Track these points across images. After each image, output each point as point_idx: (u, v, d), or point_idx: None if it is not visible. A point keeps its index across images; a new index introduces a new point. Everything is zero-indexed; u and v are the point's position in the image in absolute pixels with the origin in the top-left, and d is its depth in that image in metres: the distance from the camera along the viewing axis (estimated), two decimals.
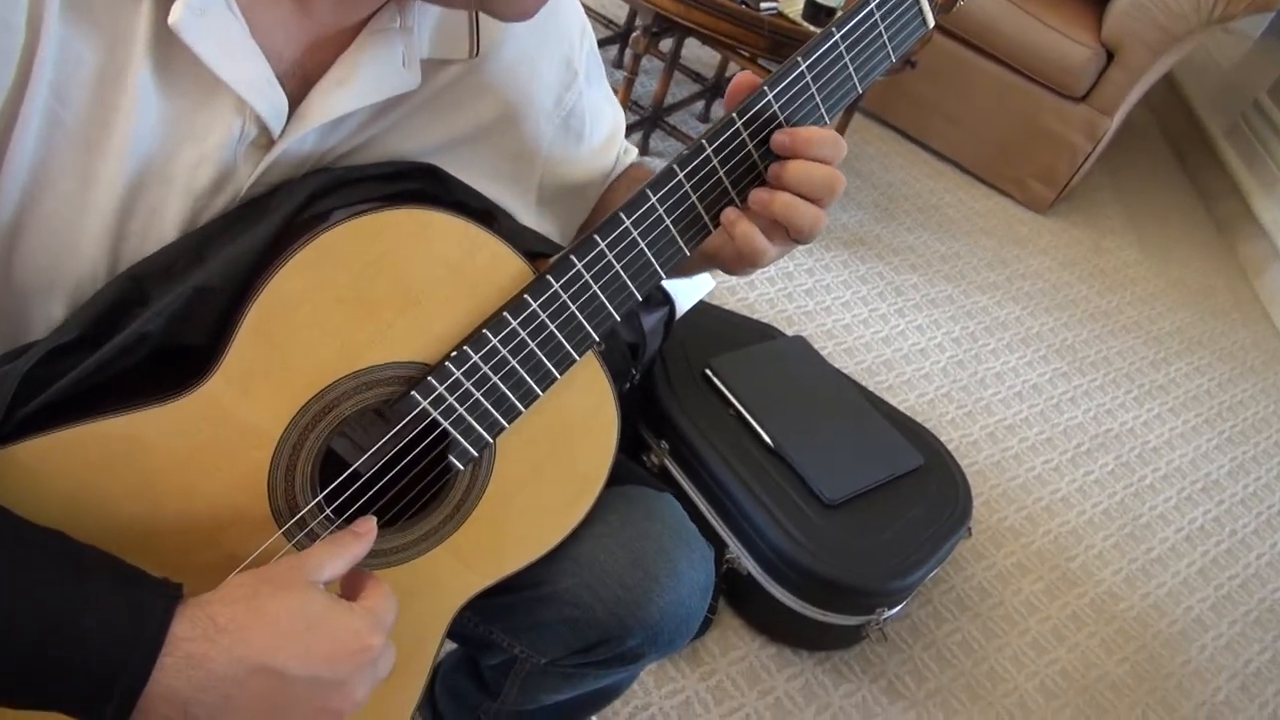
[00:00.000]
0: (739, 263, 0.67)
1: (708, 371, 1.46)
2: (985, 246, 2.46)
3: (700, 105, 2.52)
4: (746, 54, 1.96)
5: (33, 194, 0.52)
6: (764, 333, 1.61)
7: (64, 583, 0.47)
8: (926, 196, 2.57)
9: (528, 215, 0.76)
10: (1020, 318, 2.26)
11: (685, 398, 1.43)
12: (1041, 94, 2.54)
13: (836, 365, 1.60)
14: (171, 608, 0.48)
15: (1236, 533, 1.92)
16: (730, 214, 0.62)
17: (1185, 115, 3.33)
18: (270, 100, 0.56)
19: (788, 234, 0.63)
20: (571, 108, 0.74)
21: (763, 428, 1.40)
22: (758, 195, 0.62)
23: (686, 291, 1.37)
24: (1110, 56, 2.45)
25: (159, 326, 0.53)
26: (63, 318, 0.56)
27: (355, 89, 0.59)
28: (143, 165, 0.55)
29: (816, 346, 1.62)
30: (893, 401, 1.81)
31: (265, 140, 0.58)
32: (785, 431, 1.41)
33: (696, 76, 2.53)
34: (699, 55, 2.64)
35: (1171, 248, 2.76)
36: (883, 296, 2.15)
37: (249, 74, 0.55)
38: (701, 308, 1.62)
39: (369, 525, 0.59)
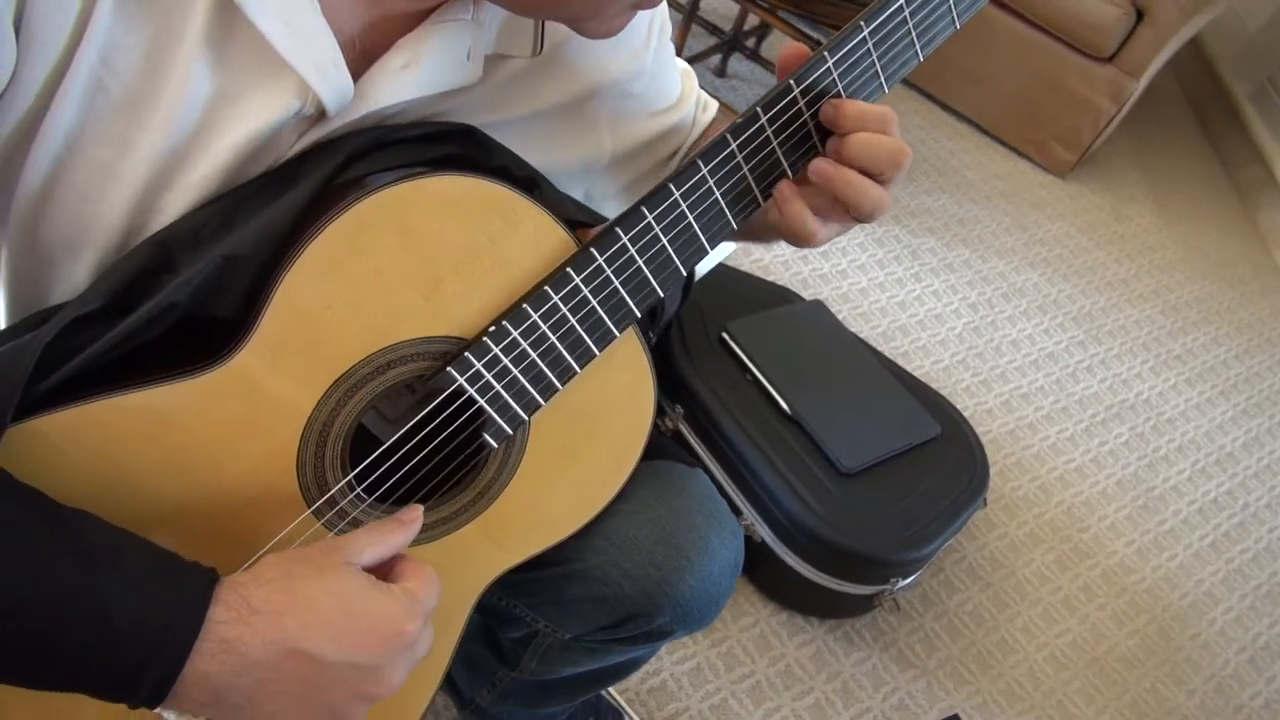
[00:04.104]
0: (791, 239, 0.64)
1: (725, 335, 1.44)
2: (1004, 210, 2.42)
3: (717, 58, 2.46)
4: (765, 5, 1.90)
5: (65, 160, 0.50)
6: (782, 296, 1.58)
7: (97, 565, 0.45)
8: (945, 158, 2.53)
9: (597, 168, 0.74)
10: (1037, 284, 2.23)
11: (702, 362, 1.41)
12: (1067, 54, 2.48)
13: (852, 330, 1.58)
14: (208, 592, 0.47)
15: (1249, 506, 1.91)
16: (784, 189, 0.59)
17: (1209, 78, 3.25)
18: (336, 84, 0.53)
19: (848, 212, 0.60)
20: (634, 92, 0.72)
21: (780, 394, 1.38)
22: (820, 167, 0.58)
23: None
24: (1140, 15, 2.39)
25: (187, 296, 0.51)
26: (86, 283, 0.53)
27: (420, 76, 0.56)
28: (185, 140, 0.52)
29: (831, 310, 1.60)
30: (908, 367, 1.78)
31: (317, 114, 0.55)
32: (802, 398, 1.39)
33: (714, 29, 2.46)
34: (716, 6, 2.57)
35: (1192, 215, 2.72)
36: (899, 260, 2.12)
37: (316, 55, 0.51)
38: (719, 270, 1.59)
39: (415, 514, 0.57)
